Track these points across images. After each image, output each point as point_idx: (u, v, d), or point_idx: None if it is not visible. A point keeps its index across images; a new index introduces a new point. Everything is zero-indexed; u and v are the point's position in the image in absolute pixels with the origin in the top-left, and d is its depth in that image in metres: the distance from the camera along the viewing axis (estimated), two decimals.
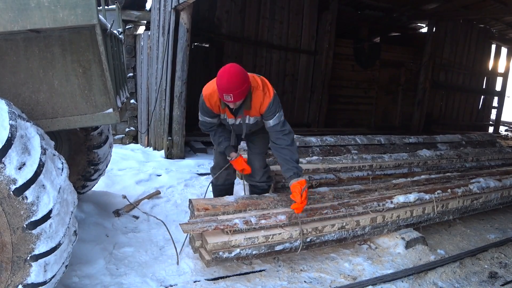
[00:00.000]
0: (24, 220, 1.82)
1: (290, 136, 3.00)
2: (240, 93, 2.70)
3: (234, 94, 2.67)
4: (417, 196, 3.53)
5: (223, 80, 2.67)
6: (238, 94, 2.69)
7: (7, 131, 1.79)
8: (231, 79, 2.66)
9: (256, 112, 2.98)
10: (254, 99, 2.90)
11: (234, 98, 2.69)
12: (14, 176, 1.78)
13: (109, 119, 2.39)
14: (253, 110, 2.96)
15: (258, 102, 2.91)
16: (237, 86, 2.66)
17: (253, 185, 3.45)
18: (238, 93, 2.68)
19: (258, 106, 2.93)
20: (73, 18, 2.03)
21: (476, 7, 10.09)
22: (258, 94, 2.90)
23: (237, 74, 2.68)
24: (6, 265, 1.86)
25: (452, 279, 2.97)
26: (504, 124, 15.82)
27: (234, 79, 2.66)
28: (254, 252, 2.69)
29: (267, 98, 2.91)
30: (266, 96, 2.91)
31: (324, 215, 3.07)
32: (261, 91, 2.90)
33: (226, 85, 2.65)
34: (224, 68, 2.73)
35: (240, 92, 2.69)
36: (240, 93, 2.70)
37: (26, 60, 2.18)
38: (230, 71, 2.69)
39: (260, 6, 8.69)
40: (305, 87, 9.77)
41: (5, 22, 1.96)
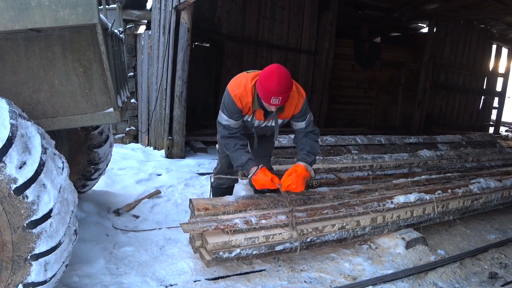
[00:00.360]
0: (25, 219, 1.82)
1: (318, 136, 3.05)
2: (288, 96, 2.62)
3: (283, 97, 2.57)
4: (417, 196, 3.53)
5: (273, 82, 2.53)
6: (287, 97, 2.61)
7: (7, 130, 1.79)
8: (282, 81, 2.54)
9: (289, 114, 2.90)
10: (290, 100, 2.77)
11: (282, 101, 2.59)
12: (14, 175, 1.78)
13: (110, 119, 2.39)
14: (286, 112, 2.86)
15: (293, 104, 2.83)
16: (288, 89, 2.57)
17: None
18: (287, 96, 2.60)
19: (293, 108, 2.85)
20: (74, 18, 2.03)
21: (476, 7, 10.08)
22: (293, 95, 2.78)
23: (287, 77, 2.58)
24: (7, 264, 1.86)
25: (452, 280, 2.97)
26: (504, 125, 15.81)
27: (285, 82, 2.55)
28: (255, 252, 2.69)
29: (301, 99, 2.85)
30: (300, 97, 2.85)
31: (325, 215, 3.06)
32: (296, 92, 2.82)
33: (277, 88, 2.52)
34: (272, 69, 2.59)
35: (288, 95, 2.62)
36: (288, 96, 2.62)
37: (26, 60, 2.18)
38: (280, 73, 2.56)
39: (260, 6, 8.69)
40: (305, 87, 9.71)
41: (6, 21, 1.96)
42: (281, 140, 4.92)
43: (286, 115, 2.91)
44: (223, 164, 3.36)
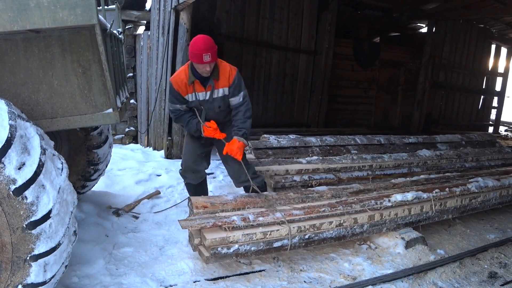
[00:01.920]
0: (24, 220, 1.82)
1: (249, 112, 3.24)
2: (215, 53, 2.97)
3: (211, 53, 2.91)
4: (414, 195, 3.54)
5: (199, 43, 2.93)
6: (214, 54, 2.95)
7: (6, 131, 1.79)
8: (207, 40, 2.96)
9: (225, 82, 3.15)
10: (222, 69, 3.14)
11: (212, 57, 2.92)
12: (13, 176, 1.78)
13: (109, 119, 2.39)
14: (222, 80, 3.14)
15: (227, 72, 3.14)
16: (213, 45, 2.95)
17: (246, 186, 3.43)
18: (214, 52, 2.95)
19: (227, 76, 3.14)
20: (73, 18, 2.03)
21: (475, 7, 10.08)
22: (224, 65, 3.16)
23: (209, 38, 3.00)
24: (6, 265, 1.86)
25: (452, 279, 2.97)
26: (503, 124, 15.82)
27: (209, 40, 2.96)
28: (253, 248, 2.70)
29: (233, 71, 3.17)
30: (232, 69, 3.17)
31: (322, 212, 3.07)
32: (226, 63, 3.18)
33: (204, 46, 2.91)
34: (196, 36, 3.02)
35: (215, 52, 2.96)
36: (215, 53, 2.97)
37: (25, 60, 2.18)
38: (203, 36, 3.00)
39: (259, 6, 8.68)
40: (305, 87, 9.77)
41: (5, 22, 1.96)
42: (281, 140, 4.92)
43: (223, 84, 3.17)
44: (188, 161, 3.47)
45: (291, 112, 9.68)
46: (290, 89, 9.56)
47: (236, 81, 3.17)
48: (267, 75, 9.11)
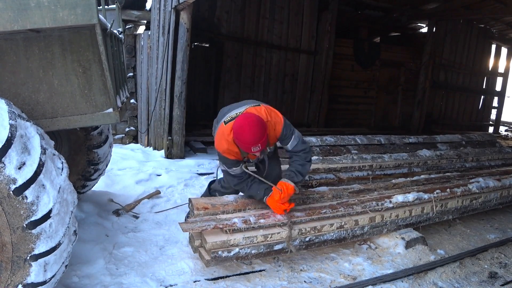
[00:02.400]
0: (24, 219, 1.82)
1: (309, 154, 3.04)
2: (265, 140, 2.69)
3: (261, 143, 2.65)
4: (415, 196, 3.53)
5: (247, 136, 2.62)
6: (265, 141, 2.69)
7: (7, 131, 1.79)
8: (254, 131, 2.62)
9: (273, 139, 2.98)
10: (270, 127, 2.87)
11: (262, 146, 2.67)
12: (14, 175, 1.78)
13: (109, 119, 2.39)
14: (270, 139, 2.94)
15: (272, 131, 2.89)
16: (262, 135, 2.65)
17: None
18: (264, 140, 2.67)
19: (273, 134, 2.92)
20: (73, 18, 2.03)
21: (476, 7, 10.08)
22: (270, 123, 2.87)
23: (257, 123, 2.66)
24: (6, 264, 1.86)
25: (452, 279, 2.97)
26: (504, 124, 15.81)
27: (257, 130, 2.63)
28: (253, 251, 2.69)
29: (278, 125, 2.91)
30: (276, 122, 2.91)
31: (323, 214, 3.07)
32: (270, 121, 2.88)
33: (252, 139, 2.62)
34: (241, 123, 2.67)
35: (265, 140, 2.69)
36: (265, 140, 2.69)
37: (26, 60, 2.17)
38: (250, 123, 2.65)
39: (260, 6, 8.68)
40: (305, 87, 9.77)
41: (5, 21, 1.95)
42: None
43: (272, 141, 3.01)
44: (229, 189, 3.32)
45: (291, 112, 9.68)
46: (290, 89, 9.56)
47: (284, 131, 2.94)
48: (267, 75, 9.11)
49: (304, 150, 3.02)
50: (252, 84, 8.80)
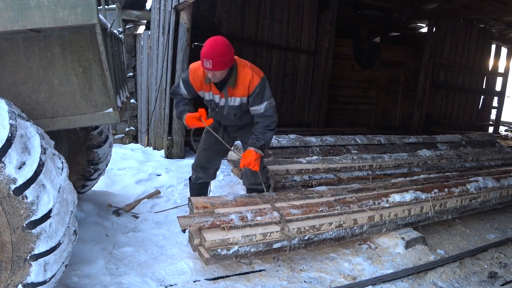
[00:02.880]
0: (24, 219, 1.82)
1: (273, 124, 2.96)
2: (220, 62, 2.63)
3: (213, 61, 2.60)
4: (413, 195, 3.54)
5: (207, 46, 2.64)
6: (218, 63, 2.62)
7: (7, 131, 1.79)
8: (215, 45, 2.63)
9: (244, 91, 2.88)
10: (242, 76, 2.84)
11: (213, 65, 2.62)
12: (14, 175, 1.78)
13: (109, 119, 2.39)
14: (240, 88, 2.88)
15: (247, 80, 2.84)
16: (219, 53, 2.61)
17: (252, 188, 3.39)
18: (218, 61, 2.61)
19: (247, 84, 2.85)
20: (73, 18, 2.03)
21: (476, 7, 10.08)
22: (246, 71, 2.84)
23: (222, 43, 2.66)
24: (6, 264, 1.86)
25: (452, 279, 2.97)
26: (504, 124, 15.82)
27: (218, 46, 2.63)
28: (253, 249, 2.69)
29: (256, 78, 2.84)
30: (255, 74, 2.84)
31: (320, 212, 3.07)
32: (249, 69, 2.85)
33: (209, 50, 2.61)
34: (211, 37, 2.70)
35: (220, 61, 2.63)
36: (220, 62, 2.63)
37: (26, 60, 2.18)
38: (216, 39, 2.67)
39: (260, 6, 8.68)
40: (305, 87, 9.77)
41: (5, 21, 1.95)
42: (281, 140, 4.93)
43: (241, 93, 2.90)
44: (202, 158, 3.37)
45: (291, 112, 9.68)
46: (290, 89, 9.57)
47: (258, 90, 2.86)
48: (267, 75, 9.02)
49: (270, 118, 2.95)
50: None
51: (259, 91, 2.87)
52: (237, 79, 2.85)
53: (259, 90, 2.86)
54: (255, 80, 2.85)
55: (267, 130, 2.96)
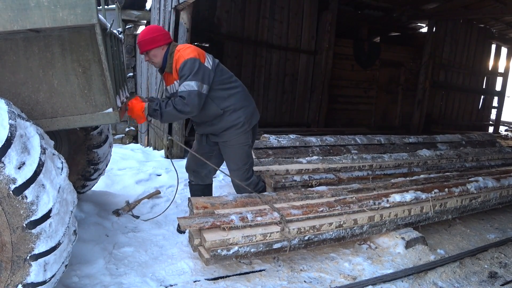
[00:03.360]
0: (24, 219, 1.82)
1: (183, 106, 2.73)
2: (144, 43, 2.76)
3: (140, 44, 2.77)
4: (413, 195, 3.54)
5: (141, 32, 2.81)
6: (142, 44, 2.77)
7: (6, 131, 1.79)
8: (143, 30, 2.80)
9: (175, 73, 2.85)
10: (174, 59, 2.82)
11: (140, 48, 2.78)
12: (13, 175, 1.78)
13: (109, 119, 2.38)
14: (174, 72, 2.85)
15: (174, 61, 2.82)
16: (143, 36, 2.76)
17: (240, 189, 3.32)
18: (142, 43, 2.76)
19: (174, 65, 2.82)
20: (73, 18, 2.02)
21: (476, 7, 10.08)
22: (176, 54, 2.80)
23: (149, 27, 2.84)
24: (6, 264, 1.86)
25: (452, 279, 2.97)
26: (504, 124, 15.81)
27: (144, 30, 2.79)
28: (253, 250, 2.69)
29: (181, 56, 2.75)
30: (182, 55, 2.75)
31: (320, 212, 3.07)
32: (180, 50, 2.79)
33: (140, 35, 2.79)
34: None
35: (144, 43, 2.75)
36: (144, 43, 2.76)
37: (25, 60, 2.17)
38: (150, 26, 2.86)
39: (260, 6, 8.68)
40: (305, 87, 9.76)
41: (5, 21, 1.95)
42: (281, 140, 4.93)
43: (175, 77, 2.89)
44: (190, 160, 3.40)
45: (291, 112, 9.68)
46: (290, 89, 9.56)
47: (181, 69, 2.73)
48: (267, 75, 9.11)
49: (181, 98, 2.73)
50: (252, 84, 8.79)
51: (182, 70, 2.74)
52: (172, 64, 2.85)
53: (182, 69, 2.74)
54: (180, 59, 2.76)
55: (172, 105, 2.76)
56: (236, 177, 3.16)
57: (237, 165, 3.15)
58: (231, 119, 3.00)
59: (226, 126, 3.02)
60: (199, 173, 3.40)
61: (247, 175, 3.20)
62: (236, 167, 3.16)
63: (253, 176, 3.28)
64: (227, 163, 3.22)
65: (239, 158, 3.13)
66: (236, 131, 3.04)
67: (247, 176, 3.19)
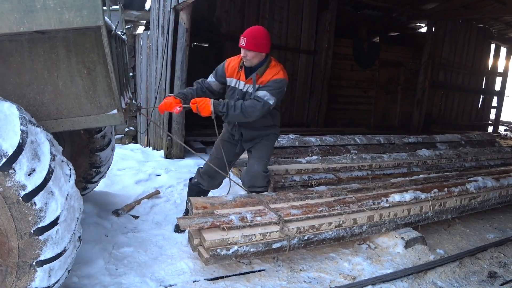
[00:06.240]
0: (32, 226, 1.81)
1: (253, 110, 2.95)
2: (254, 43, 2.90)
3: (248, 39, 2.88)
4: (412, 195, 3.54)
5: (249, 28, 2.97)
6: (251, 43, 2.89)
7: (18, 137, 1.77)
8: (253, 28, 2.96)
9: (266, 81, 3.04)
10: (271, 68, 3.05)
11: (246, 43, 2.89)
12: (23, 182, 1.77)
13: (114, 120, 2.38)
14: (264, 78, 3.04)
15: (274, 71, 3.03)
16: (255, 36, 2.91)
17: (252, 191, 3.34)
18: (252, 41, 2.89)
19: (272, 75, 3.02)
20: (79, 20, 2.01)
21: (475, 7, 10.09)
22: (277, 68, 3.06)
23: (260, 29, 2.98)
24: (12, 269, 1.86)
25: (452, 279, 2.97)
26: (503, 124, 15.82)
27: (255, 29, 2.95)
28: (252, 249, 2.70)
29: (280, 73, 3.04)
30: (281, 72, 3.04)
31: (319, 212, 3.07)
32: (281, 68, 3.08)
33: (247, 30, 2.93)
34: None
35: (254, 43, 2.90)
36: (254, 43, 2.90)
37: (30, 61, 2.16)
38: (257, 26, 3.02)
39: (259, 5, 8.69)
40: (305, 87, 9.77)
41: (11, 23, 1.93)
42: (281, 140, 4.93)
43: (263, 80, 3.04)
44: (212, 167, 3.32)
45: (290, 112, 9.68)
46: (290, 89, 9.56)
47: (270, 84, 3.00)
48: None
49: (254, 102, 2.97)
50: None
51: (274, 82, 3.00)
52: (266, 70, 3.04)
53: (271, 84, 3.00)
54: (279, 75, 3.03)
55: (240, 107, 2.94)
56: (260, 164, 3.28)
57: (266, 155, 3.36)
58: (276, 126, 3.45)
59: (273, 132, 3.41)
60: (215, 180, 3.44)
61: (267, 167, 3.38)
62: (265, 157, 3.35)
63: (268, 171, 3.47)
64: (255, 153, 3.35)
65: (268, 151, 3.39)
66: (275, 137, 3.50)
67: (266, 168, 3.36)
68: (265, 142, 3.35)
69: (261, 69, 3.02)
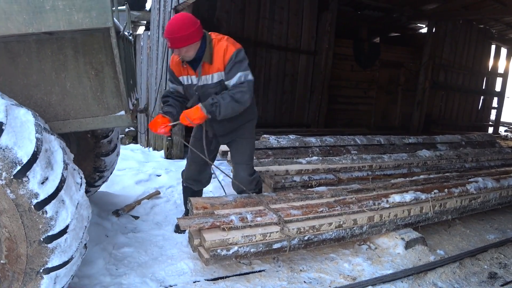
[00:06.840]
0: (42, 234, 1.81)
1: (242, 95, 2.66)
2: (179, 38, 2.52)
3: (171, 39, 2.53)
4: (413, 196, 3.54)
5: (167, 24, 2.54)
6: (176, 40, 2.52)
7: (33, 145, 1.77)
8: (173, 22, 2.54)
9: (220, 64, 2.71)
10: (217, 48, 2.69)
11: (172, 43, 2.54)
12: (36, 190, 1.76)
13: (121, 122, 2.37)
14: (217, 63, 2.71)
15: (222, 50, 2.67)
16: (177, 30, 2.50)
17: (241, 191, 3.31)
18: (176, 38, 2.51)
19: (222, 54, 2.68)
20: (88, 21, 2.01)
21: (475, 7, 10.09)
22: (222, 43, 2.70)
23: (179, 19, 2.54)
24: (18, 275, 1.86)
25: (452, 280, 2.97)
26: (503, 125, 15.83)
27: (176, 22, 2.53)
28: (252, 250, 2.70)
29: (231, 47, 2.68)
30: (230, 46, 2.68)
31: (320, 213, 3.07)
32: (225, 41, 2.72)
33: (166, 29, 2.53)
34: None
35: (179, 38, 2.51)
36: (179, 38, 2.52)
37: (38, 62, 2.15)
38: (175, 17, 2.55)
39: (259, 6, 8.69)
40: (305, 87, 9.77)
41: (20, 24, 1.93)
42: (281, 141, 4.93)
43: (217, 66, 2.72)
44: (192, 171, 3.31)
45: (291, 112, 9.68)
46: (290, 89, 9.57)
47: (233, 59, 2.66)
48: (267, 75, 9.12)
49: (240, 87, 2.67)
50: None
51: (234, 60, 2.67)
52: (213, 53, 2.69)
53: (234, 59, 2.67)
54: (230, 49, 2.68)
55: (229, 96, 2.67)
56: (244, 171, 3.18)
57: (248, 158, 3.20)
58: (252, 112, 3.07)
59: (247, 119, 3.07)
60: (201, 181, 3.40)
61: (252, 170, 3.26)
62: (248, 160, 3.20)
63: (256, 172, 3.35)
64: (237, 158, 3.20)
65: (249, 152, 3.21)
66: (252, 124, 3.15)
67: (252, 171, 3.26)
68: (244, 142, 3.14)
69: (206, 55, 2.68)
